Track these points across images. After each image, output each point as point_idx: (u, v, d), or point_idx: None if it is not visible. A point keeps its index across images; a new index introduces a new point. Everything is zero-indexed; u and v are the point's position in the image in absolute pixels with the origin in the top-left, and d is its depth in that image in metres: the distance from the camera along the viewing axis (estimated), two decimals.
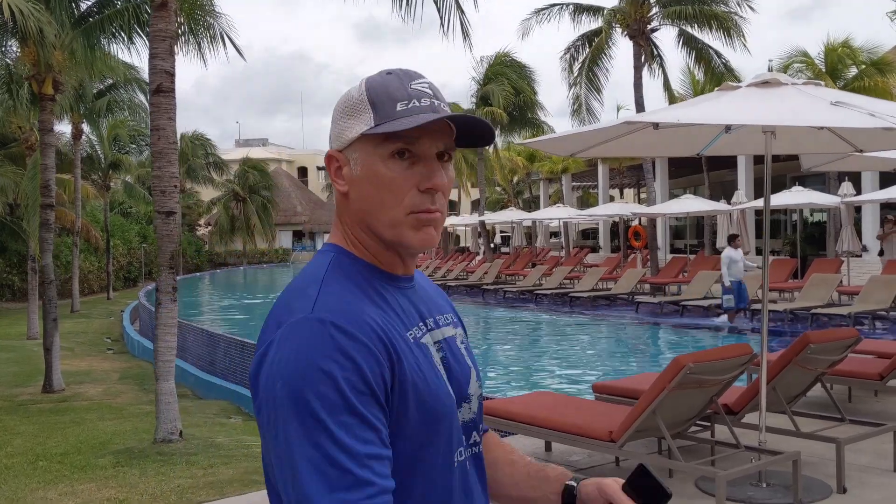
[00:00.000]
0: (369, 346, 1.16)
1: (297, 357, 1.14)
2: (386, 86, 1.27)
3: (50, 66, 12.92)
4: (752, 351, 4.96)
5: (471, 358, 1.41)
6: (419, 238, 1.27)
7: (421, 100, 1.25)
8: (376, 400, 1.15)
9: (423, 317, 1.32)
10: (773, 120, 4.44)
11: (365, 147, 1.26)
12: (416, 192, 1.25)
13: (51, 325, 13.11)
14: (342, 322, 1.17)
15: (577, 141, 5.53)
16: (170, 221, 7.88)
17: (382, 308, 1.25)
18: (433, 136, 1.25)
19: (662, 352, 14.82)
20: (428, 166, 1.25)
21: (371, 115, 1.25)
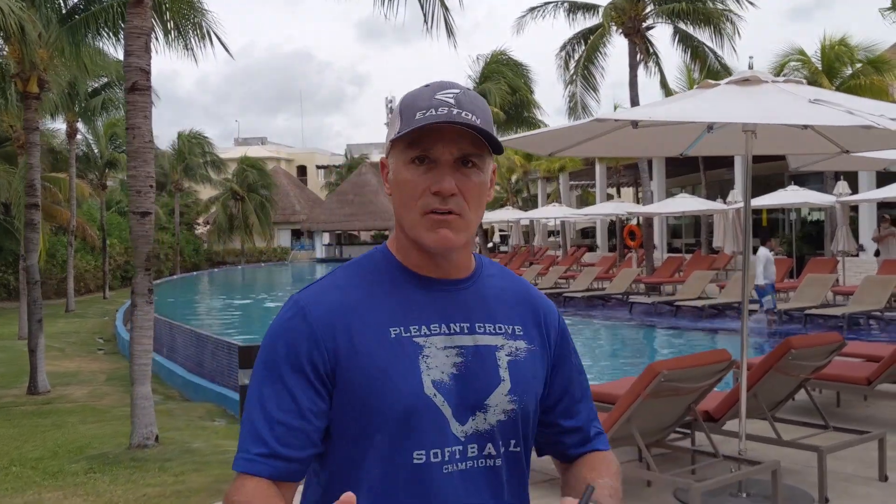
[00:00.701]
0: (312, 326, 1.34)
1: (268, 331, 1.39)
2: (415, 96, 1.38)
3: (34, 65, 12.76)
4: (731, 357, 4.81)
5: (515, 372, 1.42)
6: (432, 238, 1.35)
7: (439, 109, 1.32)
8: (306, 376, 1.32)
9: (450, 320, 1.39)
10: (751, 118, 4.28)
11: (395, 153, 1.39)
12: (428, 194, 1.34)
13: (35, 326, 12.96)
14: (303, 301, 1.38)
15: (553, 140, 5.37)
16: (145, 222, 7.72)
17: (376, 302, 1.38)
18: (449, 142, 1.33)
19: (653, 354, 14.65)
20: (439, 171, 1.34)
21: (399, 123, 1.37)
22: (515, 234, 38.69)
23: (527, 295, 1.54)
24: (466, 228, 1.37)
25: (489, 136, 1.35)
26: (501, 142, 1.38)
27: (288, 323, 1.36)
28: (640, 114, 4.22)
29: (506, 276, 1.55)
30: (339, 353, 1.33)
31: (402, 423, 1.32)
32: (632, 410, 4.54)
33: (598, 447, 1.56)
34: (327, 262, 55.26)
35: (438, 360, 1.36)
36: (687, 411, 5.00)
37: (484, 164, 1.39)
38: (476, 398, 1.37)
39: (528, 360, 1.46)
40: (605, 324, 18.12)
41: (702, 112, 4.42)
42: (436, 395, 1.34)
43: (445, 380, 1.35)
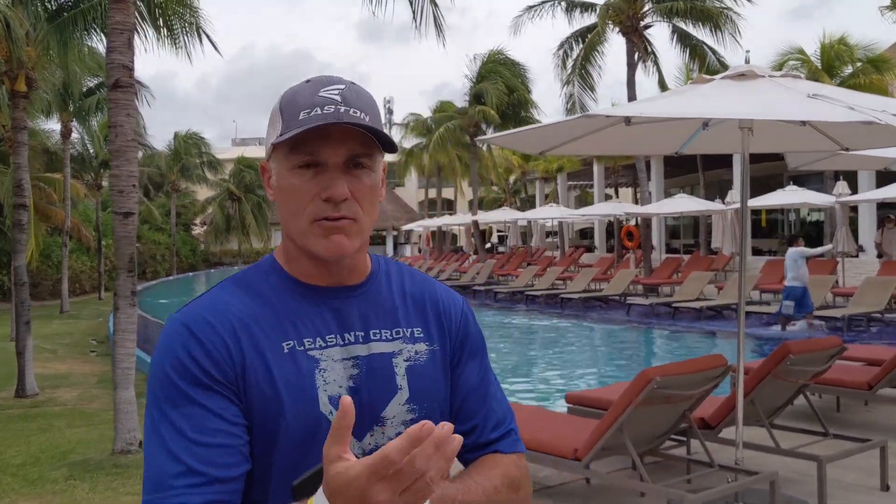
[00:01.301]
0: (205, 344, 1.21)
1: (155, 358, 1.25)
2: (296, 94, 1.26)
3: (22, 63, 12.57)
4: (727, 363, 4.63)
5: (413, 378, 1.32)
6: (325, 246, 1.25)
7: (324, 107, 1.22)
8: (218, 391, 1.19)
9: (345, 329, 1.29)
10: (747, 113, 4.10)
11: (278, 157, 1.27)
12: (318, 201, 1.24)
13: (23, 329, 12.78)
14: (189, 320, 1.24)
15: (543, 137, 5.19)
16: (128, 222, 7.54)
17: (265, 315, 1.26)
18: (336, 144, 1.23)
19: (650, 356, 14.45)
20: (329, 175, 1.24)
21: (280, 124, 1.25)
22: (513, 235, 38.52)
23: (428, 293, 1.43)
24: (361, 233, 1.28)
25: (380, 135, 1.25)
26: (489, 140, 1.21)
27: (178, 343, 1.22)
28: (632, 110, 4.04)
29: (406, 275, 1.44)
30: (236, 370, 1.22)
31: (301, 444, 1.23)
32: (624, 418, 4.36)
33: (499, 449, 1.41)
34: None
35: (335, 373, 1.26)
36: (682, 419, 4.81)
37: (375, 163, 1.29)
38: (372, 412, 1.28)
39: (429, 363, 1.36)
40: (601, 325, 17.92)
41: (696, 108, 4.24)
42: (332, 413, 1.24)
43: (343, 394, 1.22)
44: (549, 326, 18.46)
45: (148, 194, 52.33)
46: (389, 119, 72.18)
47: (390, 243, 54.85)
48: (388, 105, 77.75)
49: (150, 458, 1.19)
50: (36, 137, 31.13)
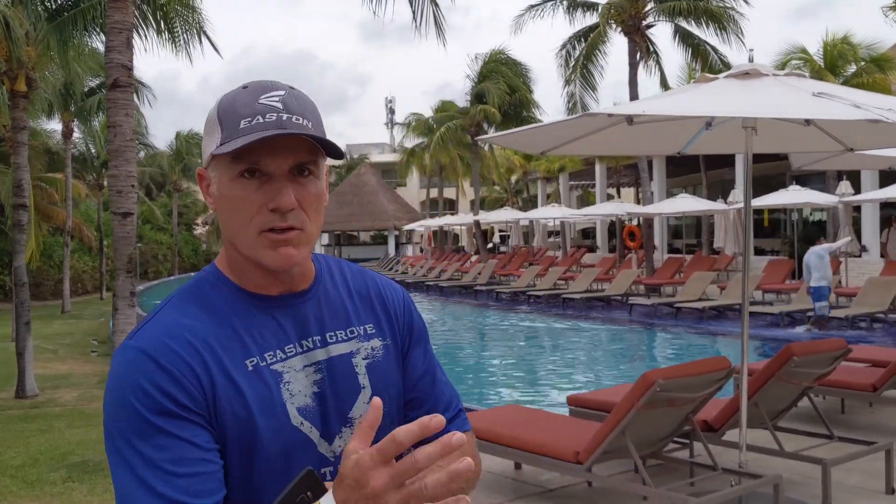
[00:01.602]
0: (172, 371, 1.15)
1: (111, 386, 1.18)
2: (234, 101, 1.23)
3: (21, 63, 12.53)
4: (730, 365, 4.57)
5: (374, 376, 1.33)
6: (274, 257, 1.23)
7: (266, 115, 1.20)
8: (186, 417, 1.14)
9: (302, 336, 1.28)
10: (751, 112, 4.04)
11: (218, 166, 1.24)
12: (265, 212, 1.21)
13: (23, 329, 12.74)
14: (147, 347, 1.17)
15: (543, 137, 5.13)
16: (127, 223, 7.49)
17: (225, 333, 1.23)
18: (281, 152, 1.20)
19: (652, 357, 14.39)
20: (275, 185, 1.21)
21: (220, 133, 1.22)
22: (515, 235, 38.44)
23: (373, 287, 1.44)
24: (308, 241, 1.26)
25: (326, 143, 1.23)
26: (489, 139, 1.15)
27: (140, 373, 1.15)
28: (635, 109, 3.98)
29: (346, 270, 1.44)
30: (206, 395, 1.18)
31: (277, 460, 1.22)
32: (626, 421, 4.30)
33: (453, 429, 1.30)
34: None
35: (300, 383, 1.25)
36: (685, 421, 4.76)
37: (319, 170, 1.26)
38: (339, 414, 1.28)
39: (385, 358, 1.37)
40: (603, 326, 17.85)
41: (699, 107, 4.18)
42: (303, 424, 1.24)
43: (309, 403, 1.25)
44: (550, 327, 18.39)
45: (150, 194, 52.36)
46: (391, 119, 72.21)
47: (392, 243, 54.76)
48: (389, 105, 77.68)
49: (124, 495, 1.13)
50: (38, 138, 31.15)
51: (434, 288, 27.24)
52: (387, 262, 41.04)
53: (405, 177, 52.71)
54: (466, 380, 12.78)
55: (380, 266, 40.31)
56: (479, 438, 5.25)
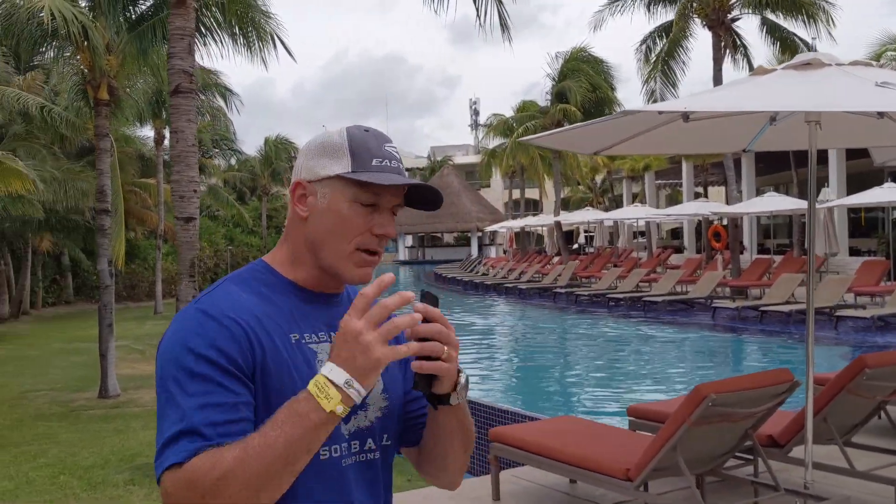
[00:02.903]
0: (230, 329, 1.36)
1: (174, 338, 1.38)
2: (366, 141, 1.47)
3: (103, 71, 12.89)
4: (793, 378, 4.25)
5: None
6: (357, 274, 1.48)
7: (391, 161, 1.47)
8: (232, 373, 1.33)
9: (332, 329, 1.47)
10: (808, 105, 3.74)
11: (336, 185, 1.45)
12: (368, 235, 1.46)
13: (106, 331, 13.11)
14: (211, 310, 1.38)
15: (594, 137, 4.90)
16: (189, 227, 7.57)
17: (270, 311, 1.44)
18: (395, 193, 1.47)
19: (732, 364, 13.80)
20: (385, 217, 1.47)
21: (349, 161, 1.45)
22: (599, 236, 37.84)
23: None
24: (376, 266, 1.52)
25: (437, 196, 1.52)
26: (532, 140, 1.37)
27: (202, 327, 1.36)
28: (675, 105, 3.72)
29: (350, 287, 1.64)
30: (255, 354, 1.37)
31: None
32: (677, 438, 4.04)
33: None
34: (410, 265, 55.33)
35: (311, 362, 1.45)
36: (744, 437, 4.45)
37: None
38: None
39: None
40: (684, 330, 17.27)
41: (754, 101, 3.89)
42: None
43: None
44: (628, 331, 17.90)
45: (242, 198, 53.64)
46: (475, 120, 72.16)
47: (475, 244, 54.68)
48: (474, 106, 77.67)
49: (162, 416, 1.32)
50: (131, 144, 32.26)
51: (513, 290, 26.95)
52: (468, 263, 40.88)
53: (484, 178, 52.51)
54: (530, 385, 12.53)
55: (461, 268, 40.21)
56: (529, 452, 5.05)
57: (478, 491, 5.28)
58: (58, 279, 34.82)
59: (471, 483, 5.68)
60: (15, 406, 12.72)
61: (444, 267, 43.82)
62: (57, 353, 19.70)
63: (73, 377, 15.79)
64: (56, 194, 23.92)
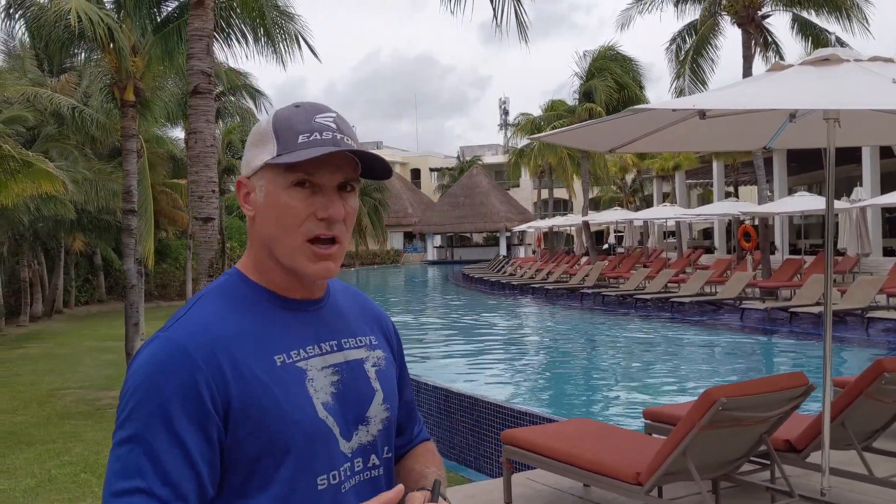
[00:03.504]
0: (205, 371, 1.24)
1: (140, 371, 1.25)
2: (290, 118, 1.35)
3: (129, 73, 13.01)
4: (808, 381, 4.14)
5: (382, 381, 1.46)
6: (314, 269, 1.35)
7: (323, 133, 1.33)
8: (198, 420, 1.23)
9: (321, 339, 1.39)
10: (825, 103, 3.64)
11: (269, 175, 1.34)
12: (313, 220, 1.32)
13: (132, 330, 13.25)
14: (183, 340, 1.26)
15: (606, 134, 4.82)
16: (208, 227, 7.59)
17: (252, 330, 1.32)
18: (334, 168, 1.33)
19: (759, 366, 13.57)
20: (326, 196, 1.33)
21: (275, 145, 1.33)
22: (629, 236, 37.52)
23: (369, 306, 1.59)
24: (342, 256, 1.38)
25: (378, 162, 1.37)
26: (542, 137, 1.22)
27: (168, 361, 1.25)
28: (683, 103, 3.64)
29: (347, 289, 1.57)
30: (229, 388, 1.26)
31: (305, 452, 1.30)
32: (686, 442, 3.95)
33: (421, 438, 1.65)
34: (438, 265, 55.33)
35: (320, 382, 1.35)
36: (759, 442, 4.35)
37: (357, 187, 1.39)
38: (358, 413, 1.39)
39: (388, 368, 1.51)
40: (712, 332, 17.04)
41: (769, 98, 3.79)
42: (327, 418, 1.34)
43: (330, 401, 1.35)
44: (654, 332, 17.70)
45: None
46: (504, 120, 71.96)
47: (503, 244, 54.52)
48: (503, 106, 77.40)
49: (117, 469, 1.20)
50: (162, 145, 32.60)
51: (540, 290, 26.80)
52: (495, 263, 40.76)
53: (512, 178, 52.34)
54: (550, 386, 12.42)
55: (489, 268, 40.11)
56: (540, 455, 4.98)
57: (490, 494, 5.22)
58: (90, 278, 35.33)
59: (483, 485, 5.63)
60: (44, 404, 12.88)
61: (471, 267, 43.76)
62: (87, 352, 19.95)
63: (100, 375, 15.96)
64: (87, 195, 24.26)
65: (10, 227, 24.44)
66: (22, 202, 18.04)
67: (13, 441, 10.00)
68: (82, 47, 14.09)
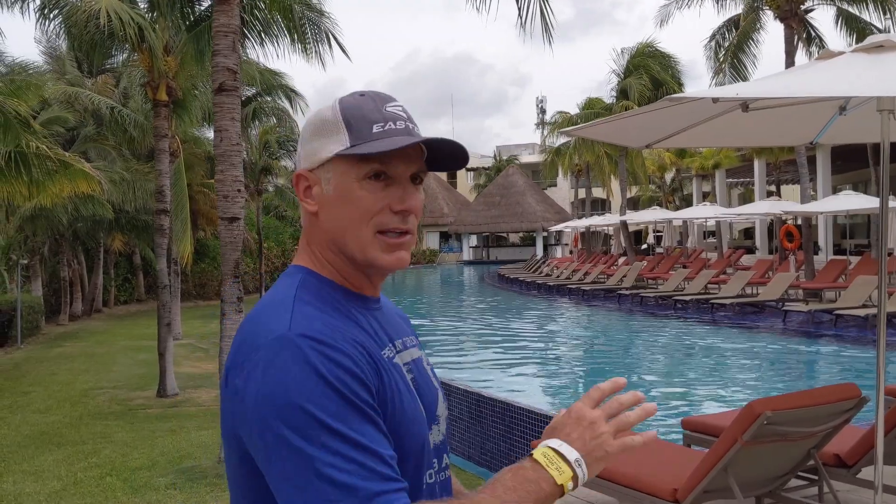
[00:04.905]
0: (353, 358, 1.17)
1: (286, 376, 1.12)
2: (361, 107, 1.28)
3: (162, 73, 12.96)
4: (860, 394, 3.85)
5: (436, 379, 1.43)
6: (389, 260, 1.28)
7: (396, 122, 1.28)
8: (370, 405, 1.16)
9: (392, 338, 1.33)
10: (879, 91, 3.35)
11: (339, 167, 1.27)
12: (387, 213, 1.27)
13: (164, 330, 13.20)
14: (322, 336, 1.17)
15: (641, 129, 4.56)
16: (233, 228, 7.44)
17: (358, 327, 1.26)
18: (408, 159, 1.28)
19: (800, 372, 13.11)
20: (402, 188, 1.28)
21: (346, 135, 1.27)
22: (668, 235, 37.00)
23: (398, 308, 1.53)
24: (412, 247, 1.33)
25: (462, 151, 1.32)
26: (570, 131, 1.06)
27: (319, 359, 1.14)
28: (725, 92, 3.37)
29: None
30: (378, 381, 1.21)
31: (420, 447, 1.27)
32: (728, 458, 3.69)
33: None
34: (474, 265, 55.06)
35: (409, 379, 1.31)
36: (807, 457, 4.07)
37: (424, 178, 1.34)
38: (431, 412, 1.34)
39: (431, 367, 1.47)
40: (752, 334, 16.55)
41: (815, 87, 3.51)
42: (422, 412, 1.31)
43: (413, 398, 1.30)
44: (693, 335, 17.25)
45: None
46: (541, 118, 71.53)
47: (540, 244, 54.09)
48: (540, 105, 76.91)
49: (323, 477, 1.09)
50: (200, 146, 32.78)
51: (576, 291, 26.43)
52: (532, 263, 40.40)
53: (549, 177, 51.91)
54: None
55: (525, 268, 39.76)
56: None
57: None
58: (130, 278, 35.68)
59: None
60: (76, 404, 12.89)
61: (507, 267, 43.42)
62: (122, 351, 20.08)
63: (134, 375, 15.99)
64: (125, 195, 24.45)
65: (50, 227, 24.70)
66: (60, 202, 18.18)
67: (44, 442, 9.98)
68: (118, 48, 14.10)
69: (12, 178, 13.18)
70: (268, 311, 1.24)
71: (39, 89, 16.88)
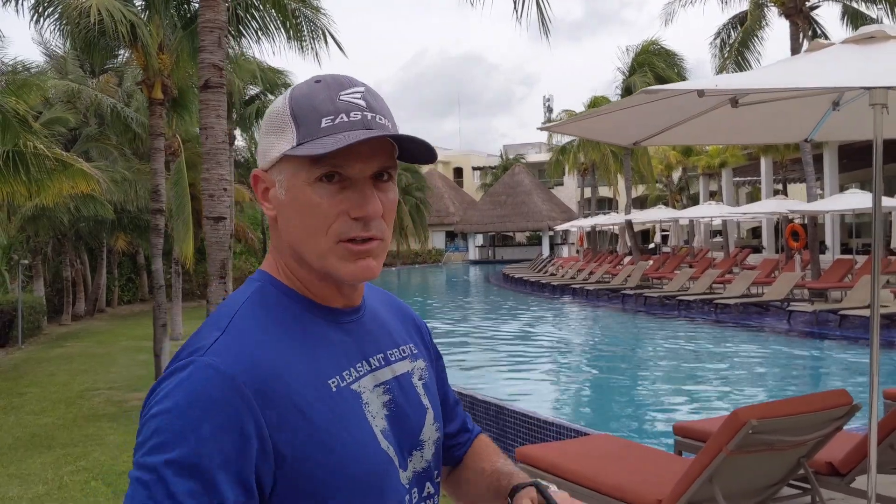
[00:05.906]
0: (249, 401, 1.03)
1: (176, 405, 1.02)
2: (311, 97, 1.12)
3: (157, 71, 12.85)
4: (851, 401, 3.68)
5: (430, 395, 1.30)
6: (351, 270, 1.14)
7: (350, 114, 1.11)
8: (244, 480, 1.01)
9: (367, 354, 1.21)
10: (868, 81, 3.18)
11: (289, 168, 1.13)
12: (346, 219, 1.12)
13: (160, 331, 13.09)
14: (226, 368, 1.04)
15: (630, 125, 4.39)
16: (219, 227, 7.32)
17: (302, 350, 1.12)
18: (366, 155, 1.11)
19: (802, 374, 12.90)
20: (359, 191, 1.12)
21: (294, 132, 1.12)
22: (674, 235, 36.80)
23: (404, 308, 1.41)
24: (385, 252, 1.18)
25: (424, 146, 1.13)
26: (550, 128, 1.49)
27: (212, 395, 1.02)
28: (704, 84, 3.21)
29: (377, 290, 1.37)
30: (281, 424, 1.05)
31: (369, 490, 1.11)
32: (712, 469, 3.52)
33: (477, 432, 1.49)
34: (480, 264, 54.91)
35: (374, 404, 1.17)
36: (797, 466, 3.90)
37: (395, 174, 1.17)
38: (412, 437, 1.22)
39: (431, 380, 1.34)
40: (756, 335, 16.32)
41: (803, 78, 3.34)
42: (389, 448, 1.17)
43: (386, 426, 1.18)
44: (696, 335, 17.04)
45: None
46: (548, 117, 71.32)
47: (546, 243, 53.90)
48: (547, 104, 76.78)
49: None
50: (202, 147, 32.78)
51: (580, 291, 26.23)
52: (537, 263, 40.22)
53: (553, 176, 51.70)
54: (580, 393, 11.93)
55: (531, 267, 39.59)
56: (556, 476, 4.58)
57: None
58: (133, 278, 35.63)
59: None
60: (72, 405, 12.77)
61: (512, 267, 43.25)
62: (123, 351, 19.97)
63: (132, 376, 15.87)
64: (126, 194, 24.38)
65: (52, 227, 24.65)
66: (62, 202, 18.11)
67: (35, 444, 9.87)
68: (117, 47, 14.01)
69: (11, 178, 13.11)
70: (209, 322, 1.14)
71: (41, 87, 16.80)
